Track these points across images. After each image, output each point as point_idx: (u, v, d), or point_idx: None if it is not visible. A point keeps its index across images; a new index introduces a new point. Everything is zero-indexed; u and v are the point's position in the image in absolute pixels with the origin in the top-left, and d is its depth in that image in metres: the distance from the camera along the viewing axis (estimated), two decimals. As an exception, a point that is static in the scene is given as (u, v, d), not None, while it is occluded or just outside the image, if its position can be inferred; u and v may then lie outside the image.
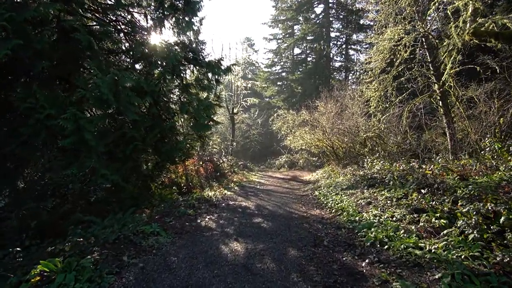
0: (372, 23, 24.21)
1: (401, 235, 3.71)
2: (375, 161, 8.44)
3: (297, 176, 15.56)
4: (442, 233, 3.58)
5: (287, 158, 20.51)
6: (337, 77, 24.18)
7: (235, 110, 21.31)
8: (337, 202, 6.32)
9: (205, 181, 12.21)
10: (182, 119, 9.72)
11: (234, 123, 21.78)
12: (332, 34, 24.64)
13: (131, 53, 8.57)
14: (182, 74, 9.52)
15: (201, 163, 12.79)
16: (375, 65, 11.56)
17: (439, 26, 10.70)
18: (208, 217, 5.90)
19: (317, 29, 22.23)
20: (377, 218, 4.63)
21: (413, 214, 4.42)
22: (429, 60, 11.28)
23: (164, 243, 4.11)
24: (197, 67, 10.31)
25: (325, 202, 6.74)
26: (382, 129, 11.34)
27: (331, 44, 23.45)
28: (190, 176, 11.90)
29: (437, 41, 10.53)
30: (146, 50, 8.20)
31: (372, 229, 4.04)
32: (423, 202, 4.67)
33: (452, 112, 10.77)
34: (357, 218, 4.88)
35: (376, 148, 11.60)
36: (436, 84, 10.97)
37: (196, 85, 9.85)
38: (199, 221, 5.55)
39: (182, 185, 11.38)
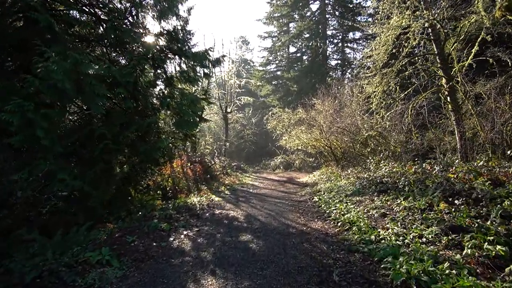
0: (370, 19, 23.25)
1: (446, 271, 2.52)
2: (382, 162, 7.28)
3: (293, 178, 14.38)
4: (508, 269, 2.41)
5: (283, 159, 19.34)
6: (333, 75, 23.11)
7: (228, 109, 20.08)
8: (342, 212, 5.13)
9: (194, 184, 10.97)
10: (165, 116, 8.49)
11: (228, 122, 20.54)
12: (329, 32, 23.61)
13: (104, 40, 7.32)
14: (164, 65, 8.28)
15: (189, 164, 11.53)
16: (377, 57, 10.43)
17: (447, 14, 9.61)
18: (185, 232, 4.67)
19: (313, 26, 21.14)
20: (401, 238, 3.45)
21: (449, 234, 3.24)
22: (435, 52, 10.14)
23: (111, 280, 2.87)
24: (183, 58, 9.09)
25: (328, 211, 5.55)
26: (386, 127, 10.23)
27: (327, 42, 22.39)
28: (176, 179, 10.65)
29: (445, 30, 9.44)
30: (121, 36, 6.92)
31: (400, 259, 2.85)
32: (459, 217, 3.50)
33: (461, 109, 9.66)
34: (372, 236, 3.69)
35: (379, 148, 10.48)
36: (443, 78, 9.84)
37: (180, 77, 8.63)
38: (171, 239, 4.31)
39: (168, 188, 10.15)
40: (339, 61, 23.80)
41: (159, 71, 8.18)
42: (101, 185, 6.75)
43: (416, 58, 10.42)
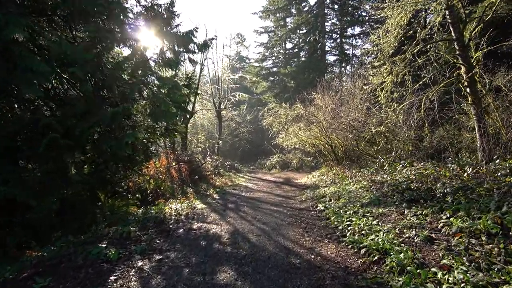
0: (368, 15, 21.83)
1: None
2: (395, 162, 5.80)
3: (290, 179, 12.87)
4: None
5: (279, 158, 17.83)
6: (333, 71, 21.69)
7: (222, 106, 18.50)
8: (363, 231, 3.61)
9: (179, 187, 9.39)
10: (140, 106, 6.92)
11: (221, 119, 18.96)
12: (327, 29, 22.13)
13: (62, 12, 5.73)
14: (137, 44, 6.71)
15: (173, 164, 9.95)
16: (386, 44, 8.95)
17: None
18: (140, 264, 3.11)
19: (311, 19, 19.65)
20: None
21: None
22: (453, 37, 8.63)
23: None
24: (164, 40, 7.53)
25: (340, 228, 4.04)
26: (396, 122, 8.76)
27: (325, 37, 20.93)
28: (159, 181, 9.06)
29: (466, 11, 8.02)
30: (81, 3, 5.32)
31: None
32: None
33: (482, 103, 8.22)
34: (429, 285, 2.19)
35: (389, 146, 9.01)
36: (462, 67, 8.35)
37: (158, 59, 7.06)
38: (113, 278, 2.76)
39: (148, 192, 8.58)
40: (337, 57, 22.35)
41: (130, 51, 6.62)
42: (48, 191, 5.17)
43: (429, 46, 8.90)
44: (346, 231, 3.88)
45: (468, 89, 8.09)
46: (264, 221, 4.88)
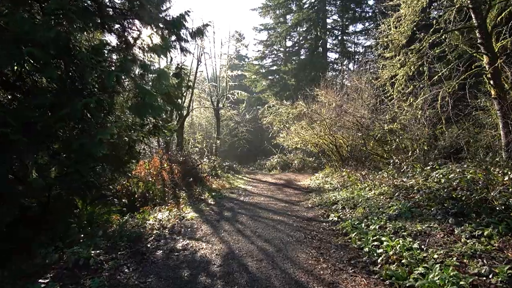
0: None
1: None
2: (432, 164, 4.79)
3: (292, 181, 11.85)
4: None
5: (280, 158, 16.80)
6: (335, 68, 20.71)
7: (220, 104, 17.48)
8: (401, 258, 2.60)
9: (171, 190, 8.37)
10: (121, 98, 5.89)
11: (220, 118, 17.94)
12: (329, 26, 21.14)
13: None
14: (116, 26, 5.71)
15: (165, 165, 8.92)
16: (399, 34, 7.97)
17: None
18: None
19: (312, 15, 18.63)
20: None
21: None
22: (475, 24, 7.60)
23: None
24: (152, 25, 6.50)
25: (367, 250, 3.02)
26: (411, 118, 7.74)
27: (327, 33, 19.92)
28: (149, 184, 8.06)
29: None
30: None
31: None
32: None
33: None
34: None
35: (402, 145, 8.00)
36: (485, 57, 7.33)
37: (142, 45, 6.04)
38: None
39: (136, 196, 7.59)
40: (339, 54, 21.36)
41: (110, 36, 5.62)
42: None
43: (443, 37, 7.85)
44: (375, 255, 2.86)
45: (491, 82, 7.07)
46: (266, 237, 3.86)
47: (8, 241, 3.97)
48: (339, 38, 21.73)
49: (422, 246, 2.75)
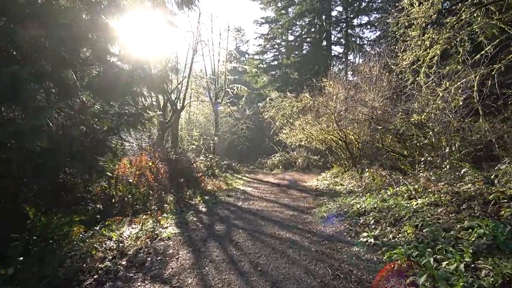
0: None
1: None
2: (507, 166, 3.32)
3: (297, 181, 10.38)
4: None
5: (282, 156, 15.33)
6: (341, 61, 19.18)
7: (219, 99, 16.01)
8: None
9: (157, 193, 6.91)
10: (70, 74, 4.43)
11: (218, 114, 16.47)
12: (333, 19, 19.60)
13: None
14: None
15: (151, 164, 7.46)
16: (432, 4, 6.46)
17: None
18: None
19: (316, 4, 17.12)
20: None
21: None
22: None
23: None
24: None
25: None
26: (444, 108, 6.25)
27: (331, 24, 18.41)
28: (130, 186, 6.60)
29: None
30: None
31: None
32: None
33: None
34: None
35: (432, 141, 6.51)
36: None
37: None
38: None
39: (114, 201, 6.14)
40: (344, 47, 19.80)
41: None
42: None
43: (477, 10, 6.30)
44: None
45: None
46: (274, 276, 2.41)
47: None
48: (344, 31, 20.21)
49: None
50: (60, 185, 5.39)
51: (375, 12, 19.20)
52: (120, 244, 3.23)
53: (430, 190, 3.78)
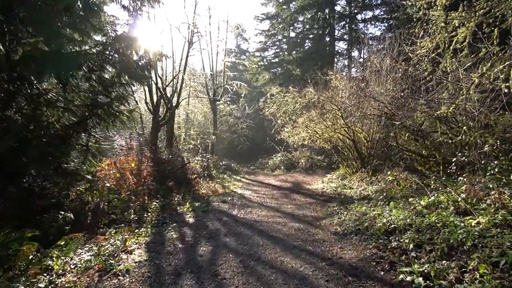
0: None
1: None
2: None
3: (301, 184, 9.33)
4: None
5: (284, 157, 14.26)
6: (344, 57, 18.10)
7: (217, 96, 14.99)
8: None
9: (140, 199, 5.89)
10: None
11: (216, 112, 15.46)
12: (337, 15, 18.50)
13: None
14: None
15: (132, 165, 6.44)
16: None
17: None
18: None
19: (319, -2, 16.07)
20: None
21: None
22: None
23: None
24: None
25: None
26: (476, 98, 5.17)
27: (335, 18, 17.32)
28: (105, 192, 5.61)
29: None
30: None
31: None
32: None
33: None
34: None
35: (461, 138, 5.44)
36: None
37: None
38: None
39: (87, 208, 5.18)
40: (347, 43, 18.70)
41: None
42: None
43: None
44: None
45: None
46: None
47: None
48: (348, 27, 19.11)
49: None
50: (26, 191, 4.44)
51: (380, 7, 18.11)
52: (58, 281, 2.21)
53: (485, 201, 2.71)
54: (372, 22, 18.57)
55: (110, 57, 4.47)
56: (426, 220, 2.84)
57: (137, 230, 3.81)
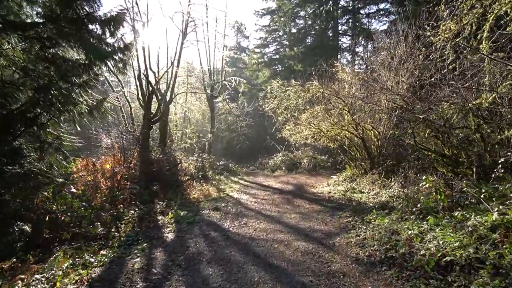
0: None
1: None
2: None
3: (304, 186, 8.29)
4: None
5: (285, 156, 13.22)
6: (347, 52, 17.04)
7: (215, 93, 13.98)
8: None
9: (113, 208, 4.88)
10: None
11: (214, 109, 14.45)
12: (340, 11, 17.46)
13: None
14: None
15: (107, 166, 5.42)
16: None
17: None
18: None
19: (322, -11, 15.06)
20: None
21: None
22: None
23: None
24: None
25: None
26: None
27: (338, 11, 16.27)
28: (68, 198, 4.59)
29: None
30: None
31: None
32: None
33: None
34: None
35: (497, 133, 4.41)
36: None
37: None
38: None
39: (47, 219, 4.15)
40: (351, 38, 17.62)
41: None
42: None
43: None
44: None
45: None
46: None
47: None
48: (351, 21, 18.05)
49: None
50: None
51: (384, 2, 17.05)
52: None
53: None
54: (376, 17, 17.53)
55: (67, 31, 3.46)
56: (509, 255, 1.82)
57: (99, 251, 2.81)
